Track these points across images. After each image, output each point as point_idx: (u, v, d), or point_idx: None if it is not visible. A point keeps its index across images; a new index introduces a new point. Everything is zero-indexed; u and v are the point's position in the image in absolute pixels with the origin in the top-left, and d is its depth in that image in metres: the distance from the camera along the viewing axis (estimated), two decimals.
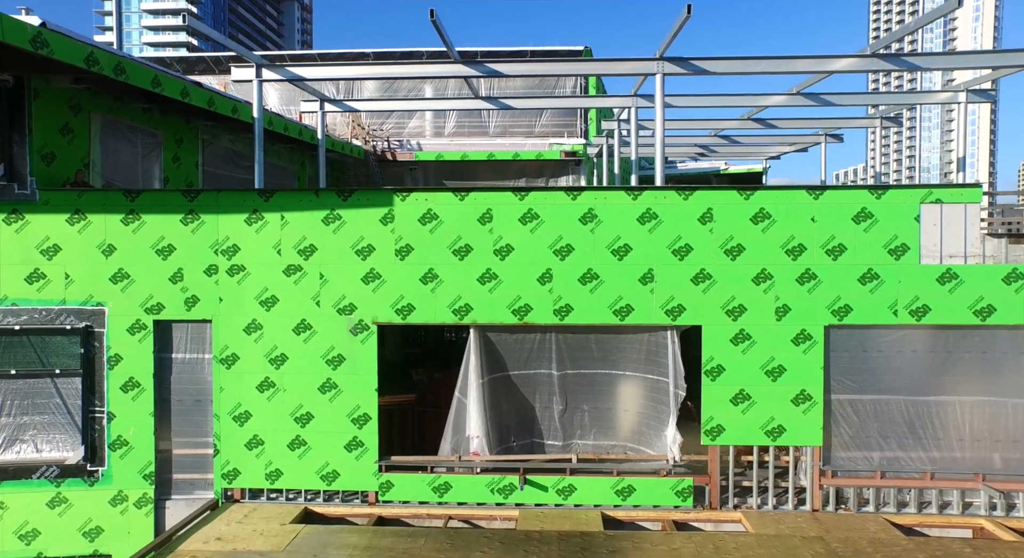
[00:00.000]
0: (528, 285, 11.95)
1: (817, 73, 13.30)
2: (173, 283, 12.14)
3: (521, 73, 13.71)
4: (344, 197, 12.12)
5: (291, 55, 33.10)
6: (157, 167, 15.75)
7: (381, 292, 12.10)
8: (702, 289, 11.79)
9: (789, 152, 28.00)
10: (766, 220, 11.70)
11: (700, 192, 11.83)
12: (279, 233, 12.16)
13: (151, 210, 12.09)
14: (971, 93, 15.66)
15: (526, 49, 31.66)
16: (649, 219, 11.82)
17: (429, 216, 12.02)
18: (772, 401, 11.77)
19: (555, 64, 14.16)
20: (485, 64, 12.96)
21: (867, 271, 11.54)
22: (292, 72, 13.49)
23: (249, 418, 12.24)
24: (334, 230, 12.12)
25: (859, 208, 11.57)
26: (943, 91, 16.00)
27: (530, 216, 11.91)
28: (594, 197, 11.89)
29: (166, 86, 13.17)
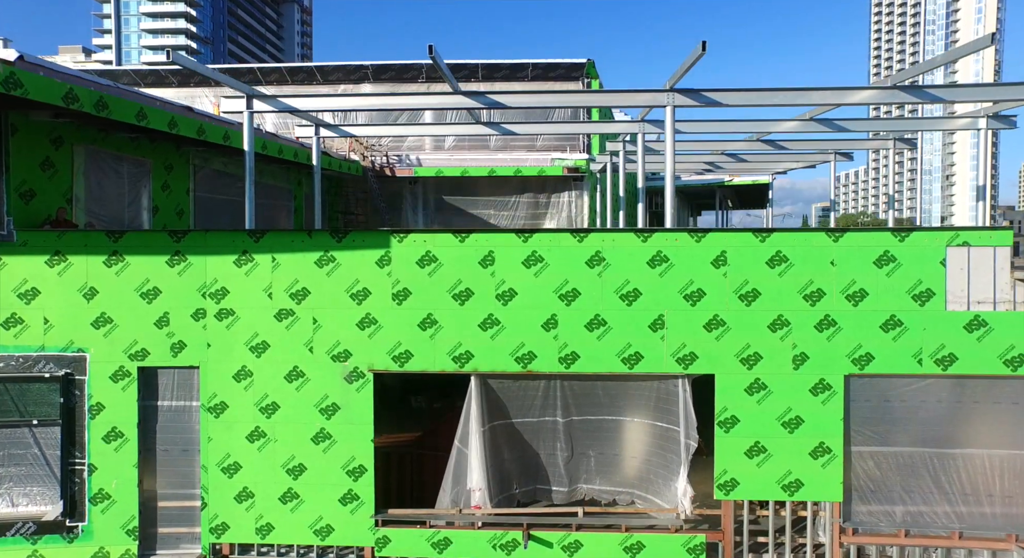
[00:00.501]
0: (532, 331, 11.35)
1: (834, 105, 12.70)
2: (159, 328, 11.54)
3: (524, 105, 13.12)
4: (338, 238, 11.52)
5: (288, 68, 32.44)
6: (145, 197, 15.15)
7: (377, 338, 11.50)
8: (715, 336, 11.20)
9: (796, 168, 27.38)
10: (783, 264, 11.09)
11: (713, 234, 11.23)
12: (270, 275, 11.57)
13: (135, 251, 11.50)
14: (992, 119, 15.07)
15: (527, 62, 30.99)
16: (659, 262, 11.21)
17: (428, 258, 11.42)
18: (789, 454, 11.17)
19: (559, 96, 13.56)
20: (487, 95, 12.37)
21: (890, 318, 10.95)
22: (284, 103, 12.89)
23: (239, 469, 11.64)
24: (328, 273, 11.53)
25: (881, 251, 10.97)
26: (964, 116, 15.39)
27: (534, 259, 11.31)
28: (601, 239, 11.29)
29: (152, 119, 12.57)
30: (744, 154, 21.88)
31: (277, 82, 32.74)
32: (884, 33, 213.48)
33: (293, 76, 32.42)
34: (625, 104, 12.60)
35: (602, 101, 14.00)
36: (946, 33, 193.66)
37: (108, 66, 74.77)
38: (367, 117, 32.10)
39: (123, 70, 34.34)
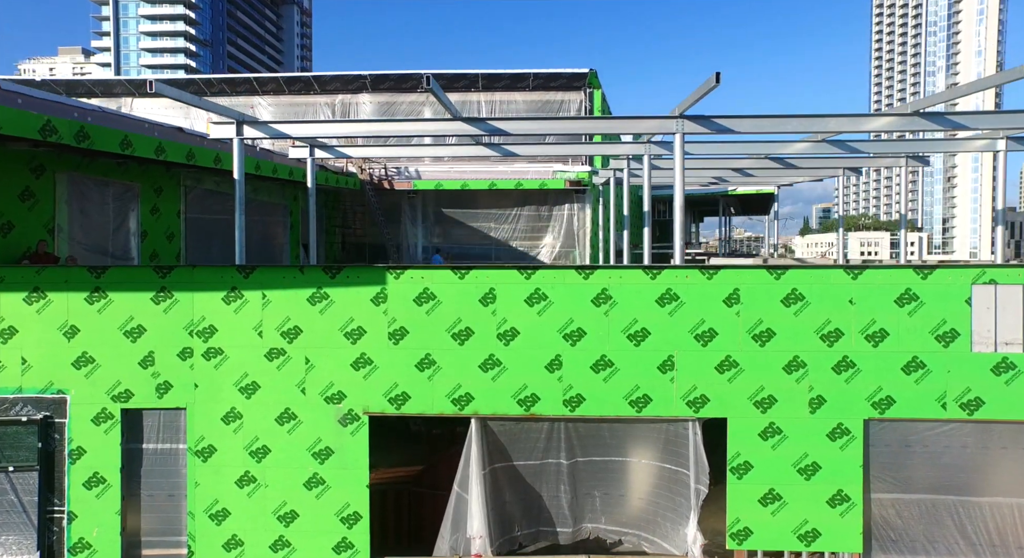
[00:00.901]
0: (535, 373, 10.81)
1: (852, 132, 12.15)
2: (143, 368, 11.00)
3: (525, 132, 12.56)
4: (332, 274, 10.97)
5: (285, 78, 31.91)
6: (133, 222, 14.62)
7: (373, 379, 10.96)
8: (727, 378, 10.65)
9: (803, 181, 26.82)
10: (798, 302, 10.55)
11: (725, 271, 10.67)
12: (260, 313, 11.02)
13: (119, 287, 10.95)
14: (1011, 141, 14.50)
15: (528, 72, 30.42)
16: (669, 301, 10.66)
17: (425, 296, 10.87)
18: (805, 502, 10.61)
19: (564, 122, 12.98)
20: (488, 121, 11.81)
21: (912, 359, 10.40)
22: (276, 129, 12.33)
23: (227, 516, 11.09)
24: (321, 310, 10.98)
25: (903, 289, 10.42)
26: (981, 138, 14.83)
27: (537, 297, 10.77)
28: (608, 276, 10.74)
29: (138, 146, 12.03)
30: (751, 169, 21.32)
31: (274, 92, 32.22)
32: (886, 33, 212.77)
33: (290, 85, 31.88)
34: (632, 130, 12.09)
35: (608, 128, 13.42)
36: (948, 34, 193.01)
37: (103, 77, 74.85)
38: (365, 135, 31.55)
39: (117, 80, 33.80)
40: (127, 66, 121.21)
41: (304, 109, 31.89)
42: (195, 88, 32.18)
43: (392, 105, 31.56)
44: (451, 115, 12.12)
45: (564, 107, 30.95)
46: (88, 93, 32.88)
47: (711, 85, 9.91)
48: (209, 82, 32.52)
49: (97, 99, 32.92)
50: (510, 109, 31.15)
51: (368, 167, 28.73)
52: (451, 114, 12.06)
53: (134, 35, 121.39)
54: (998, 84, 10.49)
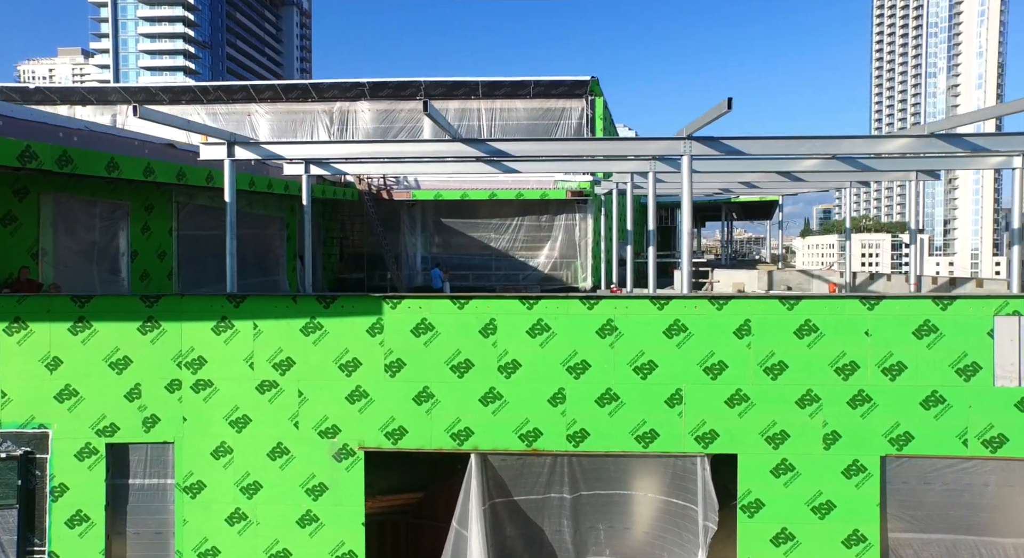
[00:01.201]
0: (538, 406, 10.37)
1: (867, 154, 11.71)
2: (129, 401, 10.56)
3: (529, 154, 12.12)
4: (326, 304, 10.53)
5: (282, 86, 31.43)
6: (123, 241, 14.18)
7: (369, 413, 10.52)
8: (738, 412, 10.21)
9: (810, 192, 26.36)
10: (812, 334, 10.11)
11: (736, 302, 10.23)
12: (251, 344, 10.58)
13: (104, 317, 10.51)
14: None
15: (529, 79, 29.95)
16: (677, 332, 10.23)
17: (423, 326, 10.43)
18: (819, 541, 10.18)
19: (568, 143, 12.52)
20: (488, 143, 11.36)
21: (931, 394, 9.96)
22: (269, 150, 11.88)
23: (217, 555, 10.65)
24: (314, 341, 10.54)
25: (921, 321, 9.98)
26: (996, 155, 14.37)
27: (540, 328, 10.33)
28: (614, 306, 10.30)
29: (125, 168, 11.59)
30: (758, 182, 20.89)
31: (271, 99, 31.77)
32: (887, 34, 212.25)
33: (288, 93, 31.42)
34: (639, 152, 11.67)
35: (614, 150, 12.94)
36: (949, 35, 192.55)
37: (98, 85, 74.85)
38: (363, 138, 31.12)
39: (112, 88, 33.36)
40: (126, 68, 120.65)
41: (302, 117, 31.45)
42: (191, 96, 31.74)
43: (391, 113, 31.12)
44: (451, 136, 11.66)
45: (565, 115, 30.51)
46: (83, 101, 32.45)
47: (722, 110, 9.48)
48: (205, 90, 32.06)
49: (92, 107, 32.51)
50: (511, 117, 30.71)
51: (366, 177, 28.28)
52: (450, 135, 11.61)
53: (133, 37, 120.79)
54: (1021, 110, 10.04)
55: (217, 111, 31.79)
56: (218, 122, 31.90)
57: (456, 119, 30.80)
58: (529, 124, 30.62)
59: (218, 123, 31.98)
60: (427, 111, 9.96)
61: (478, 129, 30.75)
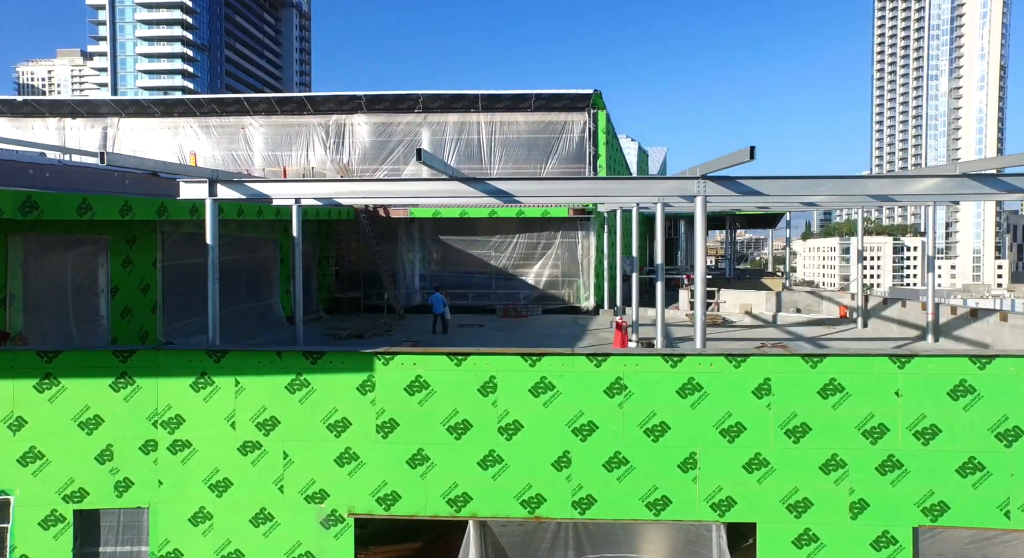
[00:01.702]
0: (541, 471, 9.61)
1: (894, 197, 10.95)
2: (100, 463, 9.80)
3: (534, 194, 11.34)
4: (313, 359, 9.77)
5: (277, 99, 30.56)
6: (102, 277, 13.41)
7: (359, 476, 9.76)
8: (757, 478, 9.45)
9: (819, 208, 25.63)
10: (838, 394, 9.35)
11: (755, 359, 9.47)
12: (233, 402, 9.82)
13: (73, 373, 9.75)
14: None
15: (530, 92, 29.18)
16: (691, 391, 9.47)
17: (418, 384, 9.67)
18: None
19: (574, 183, 11.69)
20: (488, 182, 10.58)
21: (968, 460, 9.20)
22: (252, 189, 11.10)
23: None
24: (301, 399, 9.78)
25: (957, 380, 9.22)
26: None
27: (543, 386, 9.57)
28: (623, 364, 9.54)
29: (99, 208, 10.82)
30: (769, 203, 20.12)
31: (266, 112, 30.96)
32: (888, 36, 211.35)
33: (282, 106, 30.62)
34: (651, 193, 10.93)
35: (624, 190, 12.12)
36: (951, 38, 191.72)
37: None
38: (360, 155, 30.40)
39: (103, 100, 32.55)
40: (123, 71, 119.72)
41: (297, 130, 30.65)
42: (184, 109, 30.95)
43: (388, 126, 30.32)
44: (447, 174, 10.90)
45: (567, 128, 29.74)
46: (72, 113, 31.67)
47: (743, 159, 8.73)
48: (198, 103, 31.25)
49: (82, 119, 31.73)
50: (511, 130, 29.92)
51: None
52: (446, 174, 10.85)
53: (131, 40, 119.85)
54: None
55: (211, 124, 31.04)
56: (211, 135, 31.16)
57: (455, 132, 30.08)
58: (530, 138, 29.87)
59: (211, 136, 31.25)
60: (420, 159, 9.22)
61: (477, 143, 30.02)
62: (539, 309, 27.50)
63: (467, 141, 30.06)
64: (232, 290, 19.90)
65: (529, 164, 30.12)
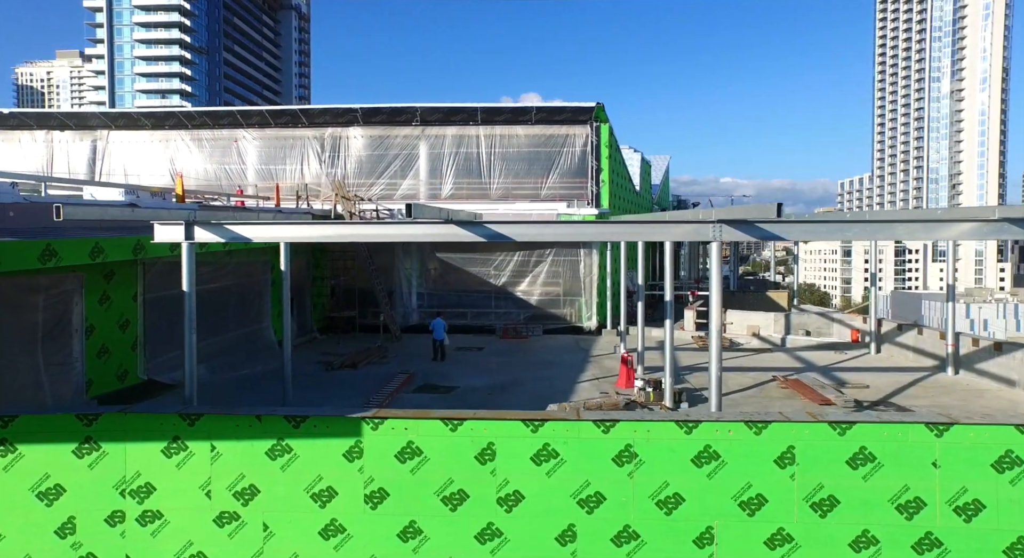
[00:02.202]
0: (543, 546, 8.81)
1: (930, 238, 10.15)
2: (61, 537, 8.99)
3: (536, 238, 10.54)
4: (295, 423, 8.97)
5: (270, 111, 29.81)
6: (75, 317, 12.61)
7: (346, 551, 8.96)
8: (780, 555, 8.64)
9: None
10: (868, 463, 8.54)
11: (777, 425, 8.67)
12: (209, 468, 9.02)
13: (31, 438, 8.94)
14: None
15: (530, 105, 28.35)
16: (708, 460, 8.66)
17: (410, 451, 8.87)
18: None
19: (578, 227, 10.85)
20: (484, 225, 9.77)
21: (1017, 540, 8.39)
22: (232, 231, 10.28)
23: None
24: (283, 466, 8.98)
25: (1002, 451, 8.42)
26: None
27: (546, 454, 8.77)
28: (633, 430, 8.73)
29: (65, 254, 10.02)
30: None
31: (259, 125, 30.19)
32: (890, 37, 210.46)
33: (276, 119, 29.83)
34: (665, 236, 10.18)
35: (635, 233, 11.32)
36: (953, 39, 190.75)
37: (77, 110, 73.03)
38: (356, 169, 29.61)
39: (92, 113, 31.83)
40: (121, 75, 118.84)
41: (292, 143, 29.87)
42: (175, 121, 30.17)
43: (385, 139, 29.54)
44: (441, 219, 10.08)
45: (569, 142, 28.95)
46: (61, 126, 30.88)
47: (769, 215, 7.94)
48: (190, 115, 30.48)
49: (71, 131, 30.94)
50: (511, 144, 29.14)
51: (358, 211, 26.71)
52: (441, 218, 10.04)
53: (128, 43, 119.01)
54: None
55: (203, 137, 30.24)
56: (204, 148, 30.38)
57: (454, 146, 29.27)
58: (530, 151, 29.06)
59: (203, 149, 30.47)
60: (410, 214, 8.43)
61: (476, 156, 29.21)
62: (540, 329, 26.69)
63: (466, 154, 29.28)
64: (222, 318, 19.11)
65: (530, 178, 29.32)
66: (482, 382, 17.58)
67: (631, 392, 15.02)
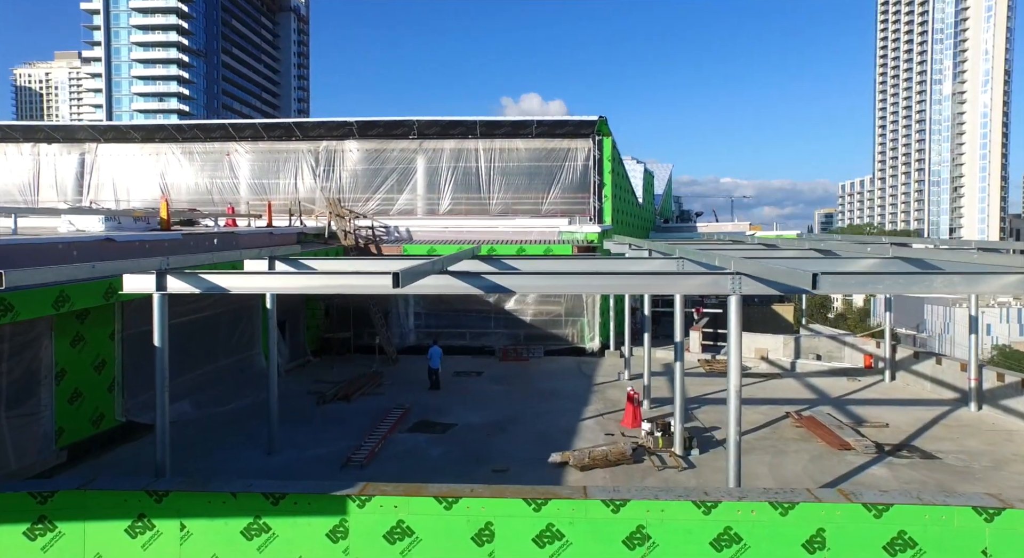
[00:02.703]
0: None
1: (964, 292, 9.33)
2: None
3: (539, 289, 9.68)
4: (274, 500, 8.14)
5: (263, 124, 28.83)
6: (44, 364, 11.78)
7: None
8: None
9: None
10: (908, 550, 7.71)
11: (804, 506, 7.83)
12: (177, 549, 8.19)
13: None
14: None
15: (531, 119, 27.43)
16: (728, 543, 7.84)
17: (400, 531, 8.04)
18: None
19: (592, 278, 9.86)
20: (482, 276, 8.93)
21: None
22: (211, 281, 9.45)
23: None
24: (259, 547, 8.16)
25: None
26: None
27: (550, 535, 7.94)
28: (645, 510, 7.90)
29: (23, 309, 9.17)
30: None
31: (252, 138, 29.28)
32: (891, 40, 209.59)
33: (269, 132, 28.93)
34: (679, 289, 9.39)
35: (647, 285, 10.43)
36: (955, 41, 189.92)
37: (64, 123, 72.59)
38: (351, 183, 28.76)
39: (79, 126, 30.91)
40: (119, 77, 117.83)
41: (286, 156, 29.02)
42: (165, 134, 29.31)
43: (382, 153, 28.68)
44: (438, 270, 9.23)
45: (571, 155, 28.11)
46: (48, 139, 30.01)
47: (804, 285, 7.11)
48: (180, 128, 29.62)
49: (58, 144, 30.07)
50: (511, 158, 28.29)
51: (353, 228, 25.81)
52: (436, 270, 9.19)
53: (126, 45, 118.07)
54: None
55: (194, 150, 29.38)
56: (195, 162, 29.52)
57: (452, 159, 28.43)
58: (531, 166, 28.20)
59: (195, 163, 29.61)
60: (398, 283, 7.59)
61: (476, 171, 28.37)
62: (540, 350, 25.83)
63: (465, 169, 28.43)
64: (210, 347, 18.26)
65: (530, 193, 28.46)
66: (480, 418, 16.73)
67: (638, 433, 14.16)
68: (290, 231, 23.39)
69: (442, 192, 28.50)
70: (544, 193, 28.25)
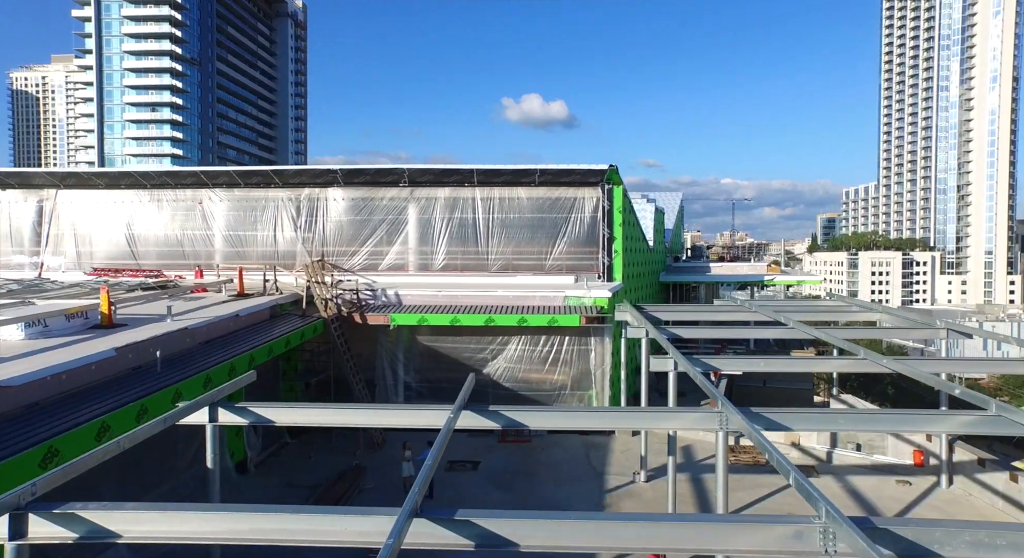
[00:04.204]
0: None
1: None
2: None
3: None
4: None
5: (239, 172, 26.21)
6: None
7: None
8: None
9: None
10: None
11: None
12: None
13: None
14: None
15: (534, 167, 24.82)
16: None
17: None
18: None
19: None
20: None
21: None
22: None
23: None
24: None
25: None
26: None
27: None
28: None
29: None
30: None
31: (227, 185, 26.63)
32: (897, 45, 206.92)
33: (246, 179, 26.29)
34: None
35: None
36: (962, 48, 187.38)
37: (19, 169, 69.72)
38: (335, 235, 26.16)
39: (36, 172, 28.35)
40: (110, 87, 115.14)
41: (264, 204, 26.41)
42: (131, 181, 26.71)
43: (369, 201, 26.06)
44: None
45: (577, 205, 25.47)
46: (1, 184, 27.40)
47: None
48: (147, 175, 26.95)
49: (12, 190, 27.45)
50: (512, 208, 25.65)
51: (334, 296, 23.05)
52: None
53: (118, 54, 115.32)
54: None
55: (163, 197, 26.73)
56: (163, 210, 26.90)
57: (447, 209, 25.78)
58: (534, 217, 25.57)
59: (163, 211, 26.99)
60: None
61: (473, 222, 25.74)
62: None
63: (460, 220, 25.76)
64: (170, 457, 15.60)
65: (533, 247, 25.76)
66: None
67: None
68: (262, 306, 20.65)
69: (436, 245, 25.86)
70: (548, 247, 25.62)
